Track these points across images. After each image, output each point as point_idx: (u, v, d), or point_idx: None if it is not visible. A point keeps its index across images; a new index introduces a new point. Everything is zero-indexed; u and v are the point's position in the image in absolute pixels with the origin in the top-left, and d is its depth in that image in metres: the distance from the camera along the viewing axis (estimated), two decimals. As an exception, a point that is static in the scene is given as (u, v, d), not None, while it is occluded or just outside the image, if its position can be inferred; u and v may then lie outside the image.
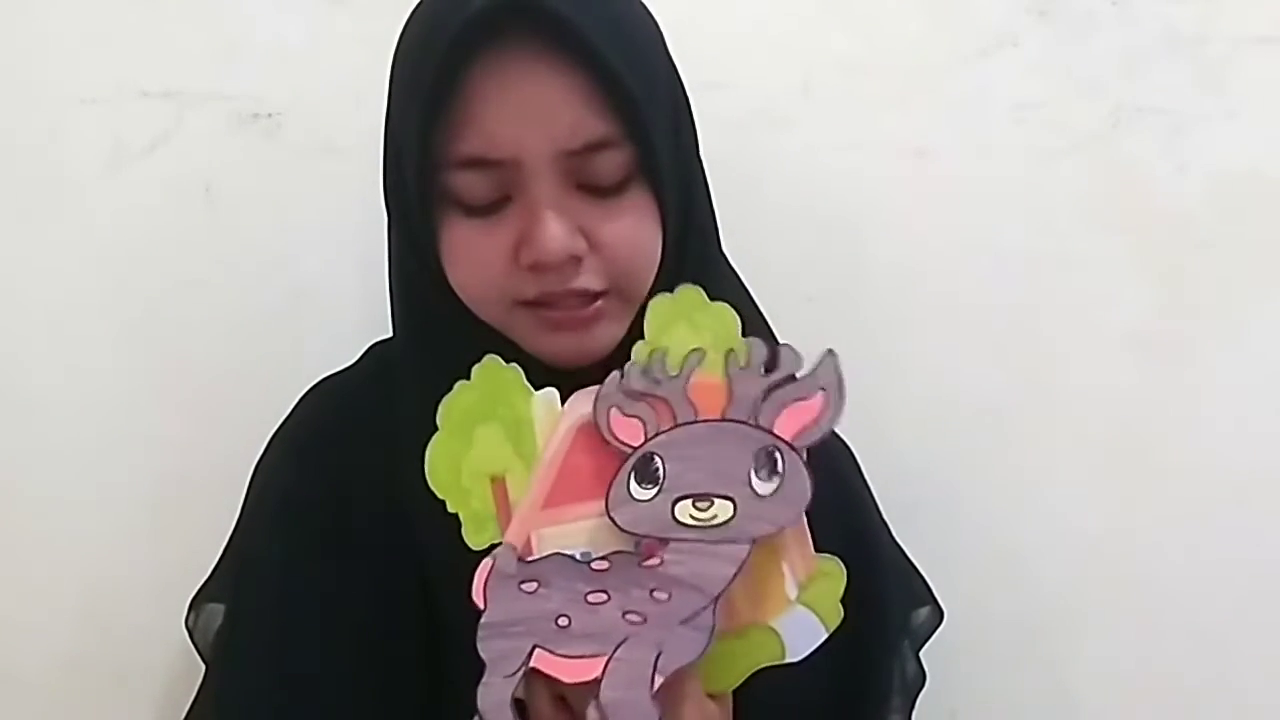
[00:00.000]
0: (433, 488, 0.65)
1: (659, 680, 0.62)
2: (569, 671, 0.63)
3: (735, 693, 0.68)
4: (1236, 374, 1.01)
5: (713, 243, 0.78)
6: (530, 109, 0.66)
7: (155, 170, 0.98)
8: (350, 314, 0.95)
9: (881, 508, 0.86)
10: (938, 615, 0.87)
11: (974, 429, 1.01)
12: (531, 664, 0.63)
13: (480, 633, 0.62)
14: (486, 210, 0.69)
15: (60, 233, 0.97)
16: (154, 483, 0.97)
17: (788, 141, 1.00)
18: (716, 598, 0.62)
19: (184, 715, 0.82)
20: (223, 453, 0.86)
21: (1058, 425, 1.01)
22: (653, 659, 0.62)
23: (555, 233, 0.67)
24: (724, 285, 0.67)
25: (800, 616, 0.65)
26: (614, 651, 0.62)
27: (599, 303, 0.70)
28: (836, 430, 0.82)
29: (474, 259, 0.70)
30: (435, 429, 0.65)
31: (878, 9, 1.00)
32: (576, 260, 0.68)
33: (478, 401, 0.65)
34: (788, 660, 0.65)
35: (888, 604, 0.81)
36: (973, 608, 0.91)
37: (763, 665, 0.66)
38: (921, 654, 0.86)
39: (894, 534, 0.87)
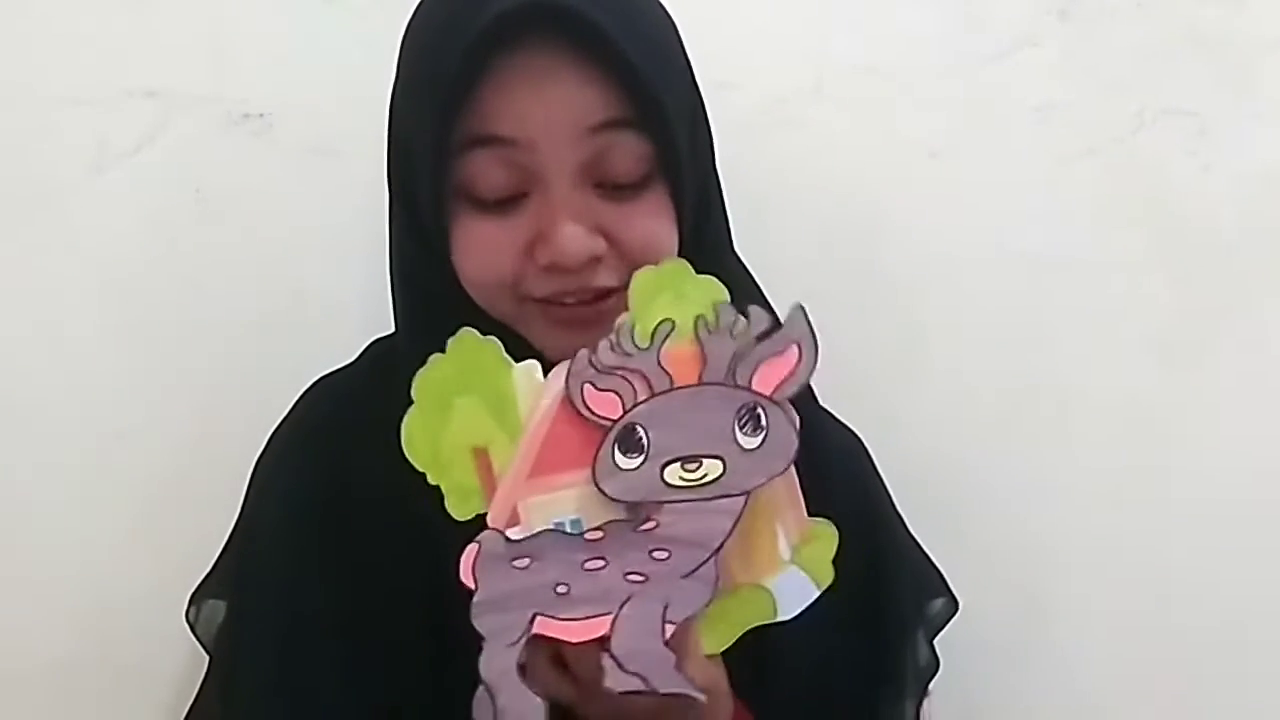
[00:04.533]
0: (411, 461, 0.64)
1: (669, 630, 0.62)
2: (574, 632, 0.62)
3: (751, 675, 0.69)
4: (1257, 377, 1.01)
5: (725, 244, 0.78)
6: (548, 95, 0.67)
7: (142, 171, 0.97)
8: (343, 315, 0.94)
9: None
10: (953, 605, 0.87)
11: (990, 430, 1.01)
12: (534, 630, 0.62)
13: (474, 610, 0.62)
14: (501, 205, 0.69)
15: (46, 234, 0.96)
16: (146, 484, 0.96)
17: (800, 142, 0.99)
18: (717, 549, 0.63)
19: (186, 711, 0.83)
20: (216, 454, 0.86)
21: (1075, 428, 1.02)
22: (660, 610, 0.62)
23: (575, 234, 0.67)
24: (736, 284, 0.67)
25: (793, 576, 0.65)
26: (620, 609, 0.62)
27: (609, 300, 0.70)
28: (851, 426, 0.85)
29: (486, 253, 0.70)
30: None
31: (893, 8, 1.00)
32: (595, 260, 0.68)
33: (454, 375, 0.64)
34: (779, 619, 0.66)
35: (901, 593, 0.82)
36: (986, 607, 0.91)
37: (755, 624, 0.66)
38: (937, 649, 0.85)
39: (909, 528, 0.87)
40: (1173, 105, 1.00)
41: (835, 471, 0.77)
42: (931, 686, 0.84)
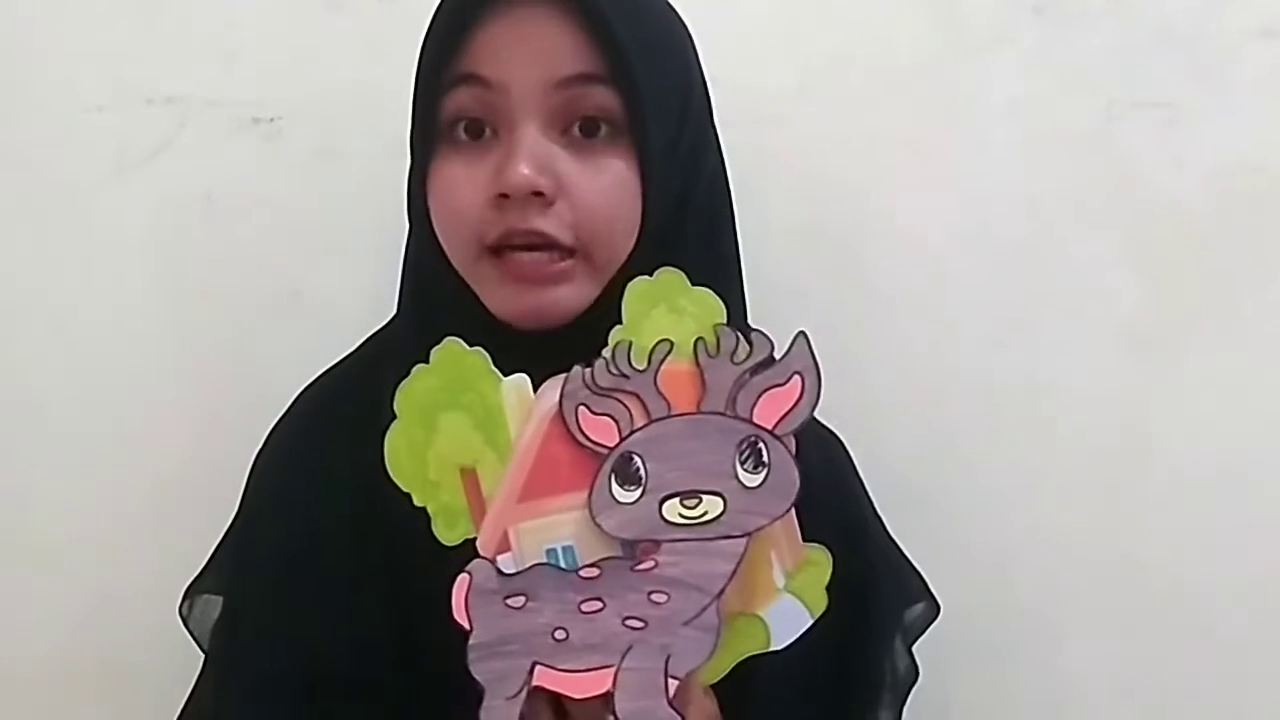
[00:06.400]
0: (395, 480, 0.62)
1: (673, 685, 0.60)
2: (577, 687, 0.61)
3: (729, 689, 0.68)
4: (1231, 368, 1.01)
5: (724, 235, 0.78)
6: (527, 43, 0.70)
7: (158, 176, 0.99)
8: (352, 318, 0.92)
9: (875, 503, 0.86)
10: (933, 610, 0.85)
11: (967, 423, 1.01)
12: (535, 682, 0.61)
13: (471, 654, 0.60)
14: (474, 145, 0.71)
15: (64, 239, 0.99)
16: (154, 486, 0.98)
17: (782, 138, 0.99)
18: (718, 595, 0.61)
19: (181, 708, 0.83)
20: (222, 457, 0.86)
21: (1051, 420, 1.01)
22: (662, 664, 0.60)
23: (524, 165, 0.68)
24: (723, 285, 0.65)
25: (787, 605, 0.64)
26: (621, 661, 0.61)
27: (564, 263, 0.70)
28: (827, 424, 0.83)
29: (452, 191, 0.72)
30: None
31: (872, 5, 1.00)
32: (543, 200, 0.69)
33: (439, 388, 0.62)
34: (772, 648, 0.64)
35: (879, 600, 0.81)
36: (966, 606, 0.90)
37: (749, 654, 0.64)
38: (915, 651, 0.85)
39: (889, 529, 0.86)
40: (1145, 99, 0.99)
41: (814, 473, 0.74)
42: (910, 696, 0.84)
